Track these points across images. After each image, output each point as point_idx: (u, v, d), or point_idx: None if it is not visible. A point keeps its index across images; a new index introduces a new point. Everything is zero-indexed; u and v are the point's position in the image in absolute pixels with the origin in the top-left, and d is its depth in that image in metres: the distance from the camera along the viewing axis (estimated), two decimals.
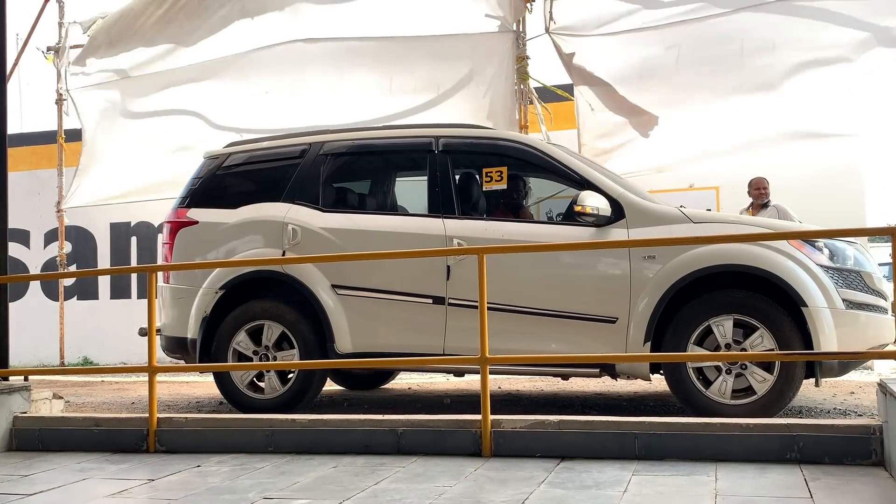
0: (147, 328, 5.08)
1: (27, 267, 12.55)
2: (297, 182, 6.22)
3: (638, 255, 5.32)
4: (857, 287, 5.21)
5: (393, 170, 6.74)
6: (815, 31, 8.08)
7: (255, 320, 6.03)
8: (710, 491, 3.43)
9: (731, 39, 8.27)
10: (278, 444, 4.63)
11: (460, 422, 4.43)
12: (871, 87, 8.05)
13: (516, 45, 9.01)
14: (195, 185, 6.55)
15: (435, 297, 5.70)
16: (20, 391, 5.25)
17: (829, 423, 4.00)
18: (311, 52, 9.65)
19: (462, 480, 3.76)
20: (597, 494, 3.43)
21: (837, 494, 3.34)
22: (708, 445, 4.02)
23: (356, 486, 3.71)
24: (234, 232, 6.24)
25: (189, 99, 10.23)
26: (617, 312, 5.34)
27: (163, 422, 4.88)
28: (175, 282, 6.35)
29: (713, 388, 5.11)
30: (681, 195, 8.59)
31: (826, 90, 8.10)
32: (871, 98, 8.05)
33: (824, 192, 9.09)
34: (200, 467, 4.30)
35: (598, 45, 8.69)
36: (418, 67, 9.34)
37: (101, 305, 12.25)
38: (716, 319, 5.12)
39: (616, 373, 5.49)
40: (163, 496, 3.71)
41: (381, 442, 4.46)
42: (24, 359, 11.29)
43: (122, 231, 12.26)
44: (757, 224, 5.67)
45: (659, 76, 8.54)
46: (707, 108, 8.42)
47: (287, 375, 6.02)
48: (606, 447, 4.15)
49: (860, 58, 7.99)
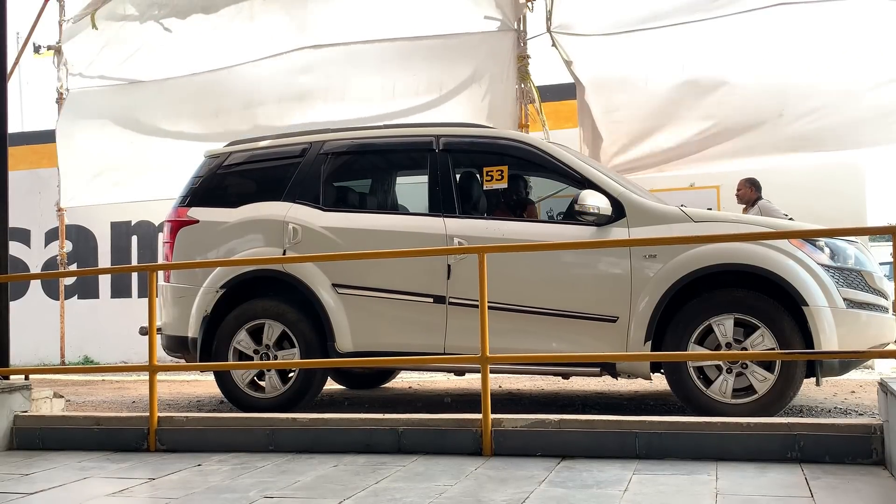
0: (148, 327, 5.08)
1: (28, 266, 12.55)
2: (297, 181, 6.21)
3: (639, 254, 5.32)
4: (857, 286, 5.20)
5: (393, 169, 6.74)
6: (817, 31, 8.06)
7: (256, 319, 6.03)
8: (711, 490, 3.43)
9: (733, 40, 8.25)
10: (279, 443, 4.63)
11: (461, 421, 4.43)
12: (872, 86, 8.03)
13: (517, 44, 9.01)
14: (196, 185, 6.55)
15: (436, 296, 5.70)
16: (21, 390, 5.25)
17: (830, 422, 3.99)
18: (316, 58, 9.65)
19: (462, 479, 3.76)
20: (597, 494, 3.43)
21: (838, 494, 3.34)
22: (709, 444, 4.02)
23: (357, 485, 3.71)
24: (235, 231, 6.24)
25: (191, 102, 10.20)
26: (618, 311, 5.34)
27: (163, 421, 4.88)
28: (176, 281, 6.35)
29: (714, 387, 5.11)
30: (681, 194, 8.60)
31: (827, 90, 8.07)
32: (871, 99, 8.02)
33: (825, 191, 9.08)
34: (201, 466, 4.31)
35: (599, 44, 8.68)
36: (420, 69, 9.33)
37: (101, 304, 12.25)
38: (716, 318, 5.12)
39: (617, 372, 5.49)
40: (163, 495, 3.71)
41: (382, 441, 4.46)
42: (25, 358, 11.29)
43: (123, 230, 12.26)
44: (757, 223, 5.66)
45: (660, 76, 8.52)
46: (708, 108, 8.40)
47: (288, 374, 6.02)
48: (607, 446, 4.14)
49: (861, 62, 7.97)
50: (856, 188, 9.42)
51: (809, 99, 8.10)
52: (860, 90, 7.98)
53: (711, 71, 8.36)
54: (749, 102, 8.22)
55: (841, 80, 8.01)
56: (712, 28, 8.31)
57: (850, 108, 8.01)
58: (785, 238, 5.12)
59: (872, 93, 7.95)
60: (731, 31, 8.26)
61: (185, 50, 10.11)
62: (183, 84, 10.19)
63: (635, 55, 8.56)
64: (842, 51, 8.01)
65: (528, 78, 8.92)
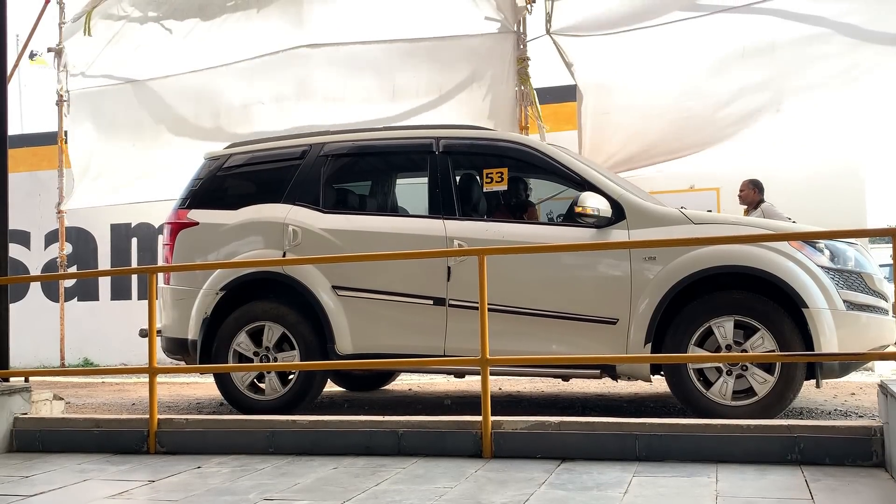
0: (147, 329, 5.08)
1: (28, 268, 12.55)
2: (297, 183, 6.22)
3: (638, 256, 5.32)
4: (857, 288, 5.21)
5: (393, 171, 6.75)
6: (814, 32, 8.07)
7: (256, 321, 6.03)
8: (711, 492, 3.43)
9: (732, 39, 8.26)
10: (279, 446, 4.63)
11: (461, 423, 4.43)
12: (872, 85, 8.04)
13: (517, 46, 9.02)
14: (196, 187, 6.55)
15: (435, 298, 5.70)
16: (21, 392, 5.25)
17: (830, 424, 4.00)
18: (315, 58, 9.66)
19: (462, 482, 3.76)
20: (598, 496, 3.43)
21: (838, 496, 3.34)
22: (708, 447, 4.02)
23: (357, 488, 3.71)
24: (235, 233, 6.24)
25: (191, 103, 10.22)
26: (617, 313, 5.34)
27: (163, 423, 4.88)
28: (176, 283, 6.35)
29: (714, 389, 5.11)
30: (681, 196, 8.60)
31: (827, 89, 8.08)
32: (872, 99, 8.03)
33: (825, 193, 9.09)
34: (201, 468, 4.30)
35: (599, 45, 8.68)
36: (420, 71, 9.35)
37: (101, 306, 12.25)
38: (716, 320, 5.12)
39: (617, 374, 5.49)
40: (163, 497, 3.70)
41: (382, 443, 4.46)
42: (25, 360, 11.28)
43: (123, 232, 12.26)
44: (757, 225, 5.66)
45: (661, 77, 8.52)
46: (708, 109, 8.41)
47: (287, 376, 6.02)
48: (607, 448, 4.14)
49: (859, 59, 7.99)
50: (856, 190, 9.43)
51: (808, 92, 8.12)
52: (856, 85, 8.00)
53: (712, 69, 8.36)
54: (747, 98, 8.22)
55: (836, 74, 8.02)
56: (713, 27, 8.32)
57: (849, 103, 8.03)
58: (785, 240, 5.12)
59: (873, 91, 7.97)
60: (731, 28, 8.27)
61: (185, 49, 10.14)
62: (183, 82, 10.21)
63: (635, 56, 8.57)
64: (838, 45, 8.02)
65: (527, 80, 8.93)
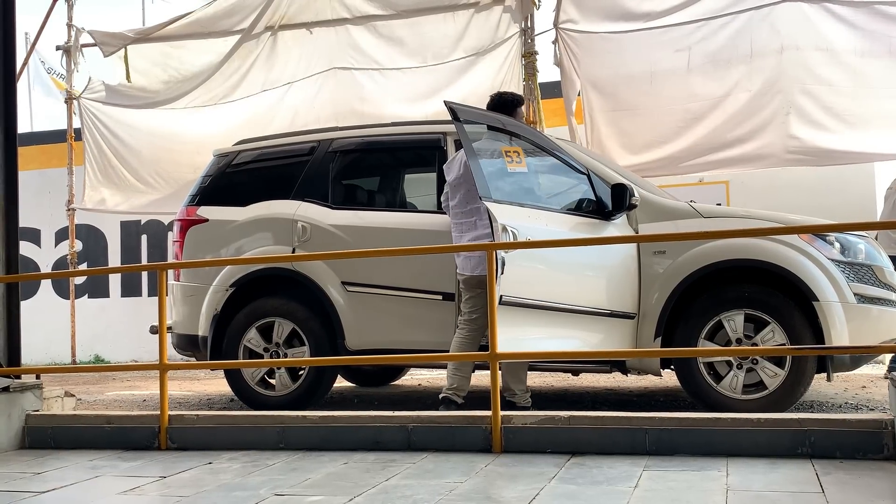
0: (158, 326, 5.10)
1: (38, 265, 12.62)
2: (306, 179, 6.22)
3: (648, 250, 5.31)
4: (868, 281, 5.18)
5: (402, 166, 6.74)
6: (823, 32, 7.99)
7: (266, 317, 6.04)
8: (722, 486, 3.42)
9: (740, 40, 8.18)
10: (289, 441, 4.64)
11: (470, 418, 4.42)
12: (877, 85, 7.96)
13: (524, 41, 8.99)
14: (205, 183, 6.57)
15: (445, 293, 5.70)
16: (32, 389, 5.27)
17: (841, 417, 3.98)
18: (336, 77, 9.67)
19: (473, 476, 3.77)
20: (608, 490, 3.43)
21: (849, 489, 3.33)
22: (719, 440, 4.01)
23: (367, 483, 3.71)
24: (244, 229, 6.25)
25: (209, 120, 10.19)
26: (627, 307, 5.33)
27: (174, 419, 4.89)
28: (185, 279, 6.37)
29: (724, 382, 5.10)
30: (690, 190, 8.57)
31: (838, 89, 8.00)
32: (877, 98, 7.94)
33: (835, 186, 9.04)
34: (212, 464, 4.32)
35: (606, 42, 8.63)
36: (427, 67, 9.36)
37: (112, 303, 12.32)
38: (727, 314, 5.11)
39: (627, 368, 5.48)
40: (174, 493, 3.72)
41: (392, 438, 4.47)
42: (36, 357, 11.36)
43: (133, 229, 12.31)
44: (767, 218, 5.64)
45: (666, 75, 8.46)
46: (715, 106, 8.33)
47: (298, 372, 6.03)
48: (617, 443, 4.14)
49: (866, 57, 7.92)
50: (865, 183, 9.38)
51: (818, 97, 8.03)
52: (871, 93, 7.91)
53: (719, 70, 8.30)
54: (756, 101, 8.14)
55: (851, 81, 7.94)
56: (718, 26, 8.27)
57: (861, 110, 7.94)
58: (795, 233, 5.10)
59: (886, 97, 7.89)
60: (740, 29, 8.21)
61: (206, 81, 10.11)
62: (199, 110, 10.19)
63: (640, 53, 8.49)
64: (852, 52, 7.94)
65: (534, 75, 8.90)
